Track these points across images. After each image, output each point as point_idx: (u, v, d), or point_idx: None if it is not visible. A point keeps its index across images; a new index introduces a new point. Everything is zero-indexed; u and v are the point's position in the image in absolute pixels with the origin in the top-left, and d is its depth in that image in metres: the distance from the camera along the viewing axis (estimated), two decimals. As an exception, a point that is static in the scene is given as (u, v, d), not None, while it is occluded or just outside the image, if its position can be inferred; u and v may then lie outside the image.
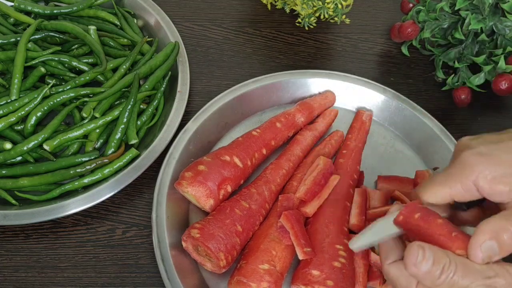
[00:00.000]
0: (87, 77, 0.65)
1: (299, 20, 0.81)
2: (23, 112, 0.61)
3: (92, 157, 0.61)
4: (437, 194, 0.42)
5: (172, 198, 0.58)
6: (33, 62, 0.64)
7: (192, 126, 0.63)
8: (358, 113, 0.70)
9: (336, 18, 0.79)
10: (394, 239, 0.43)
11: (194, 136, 0.63)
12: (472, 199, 0.42)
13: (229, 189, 0.58)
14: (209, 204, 0.57)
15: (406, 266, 0.38)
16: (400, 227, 0.42)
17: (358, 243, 0.44)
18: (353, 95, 0.71)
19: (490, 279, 0.36)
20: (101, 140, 0.64)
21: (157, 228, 0.55)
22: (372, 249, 0.56)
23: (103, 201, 0.59)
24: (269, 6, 0.83)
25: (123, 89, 0.65)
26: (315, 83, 0.71)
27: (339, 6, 0.75)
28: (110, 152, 0.62)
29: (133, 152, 0.61)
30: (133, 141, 0.63)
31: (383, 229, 0.43)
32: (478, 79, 0.73)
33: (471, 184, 0.40)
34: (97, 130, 0.63)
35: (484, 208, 0.45)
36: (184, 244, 0.55)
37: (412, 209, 0.41)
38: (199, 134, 0.63)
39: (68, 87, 0.64)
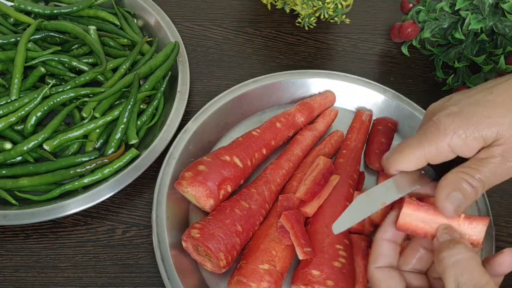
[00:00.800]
0: (87, 77, 0.65)
1: (299, 20, 0.81)
2: (23, 112, 0.61)
3: (92, 157, 0.61)
4: (411, 157, 0.43)
5: (172, 198, 0.58)
6: (33, 62, 0.65)
7: (192, 126, 0.63)
8: (358, 113, 0.70)
9: (336, 18, 0.79)
10: (389, 246, 0.43)
11: (194, 136, 0.63)
12: (444, 160, 0.43)
13: (229, 189, 0.58)
14: (209, 204, 0.57)
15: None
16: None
17: (341, 227, 0.44)
18: (353, 95, 0.71)
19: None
20: (101, 140, 0.64)
21: (157, 228, 0.55)
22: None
23: (103, 201, 0.59)
24: (269, 6, 0.83)
25: (123, 89, 0.65)
26: (315, 83, 0.71)
27: (339, 6, 0.75)
28: (110, 152, 0.62)
29: (133, 152, 0.61)
30: (133, 141, 0.63)
31: (364, 208, 0.44)
32: (478, 79, 0.73)
33: (446, 145, 0.42)
34: (97, 130, 0.63)
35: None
36: (184, 244, 0.55)
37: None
38: (199, 134, 0.63)
39: (68, 87, 0.64)
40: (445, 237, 0.41)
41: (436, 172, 0.45)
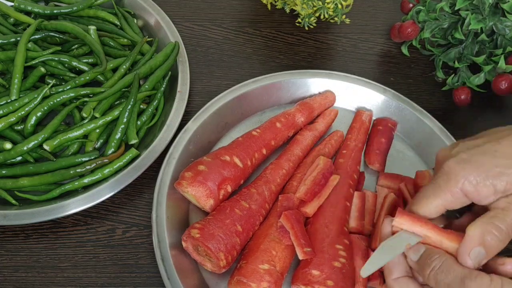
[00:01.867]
0: (87, 77, 0.65)
1: (299, 20, 0.81)
2: (23, 112, 0.61)
3: (92, 157, 0.61)
4: (430, 207, 0.45)
5: (172, 198, 0.58)
6: (33, 62, 0.64)
7: (192, 126, 0.63)
8: (358, 113, 0.70)
9: (336, 18, 0.79)
10: (398, 255, 0.44)
11: (194, 136, 0.63)
12: (462, 205, 0.44)
13: (229, 189, 0.58)
14: (209, 204, 0.57)
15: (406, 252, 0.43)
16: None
17: (369, 270, 0.44)
18: (353, 95, 0.71)
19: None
20: (101, 140, 0.64)
21: (157, 228, 0.55)
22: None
23: (103, 201, 0.59)
24: (269, 6, 0.83)
25: (123, 89, 0.65)
26: (315, 83, 0.71)
27: (339, 6, 0.75)
28: (110, 152, 0.62)
29: (133, 152, 0.61)
30: (133, 141, 0.63)
31: (389, 251, 0.44)
32: (478, 79, 0.73)
33: (459, 191, 0.43)
34: (97, 130, 0.63)
35: (474, 212, 0.47)
36: (184, 244, 0.55)
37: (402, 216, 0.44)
38: (199, 134, 0.63)
39: (68, 87, 0.64)
40: (417, 254, 0.43)
41: (458, 211, 0.46)
